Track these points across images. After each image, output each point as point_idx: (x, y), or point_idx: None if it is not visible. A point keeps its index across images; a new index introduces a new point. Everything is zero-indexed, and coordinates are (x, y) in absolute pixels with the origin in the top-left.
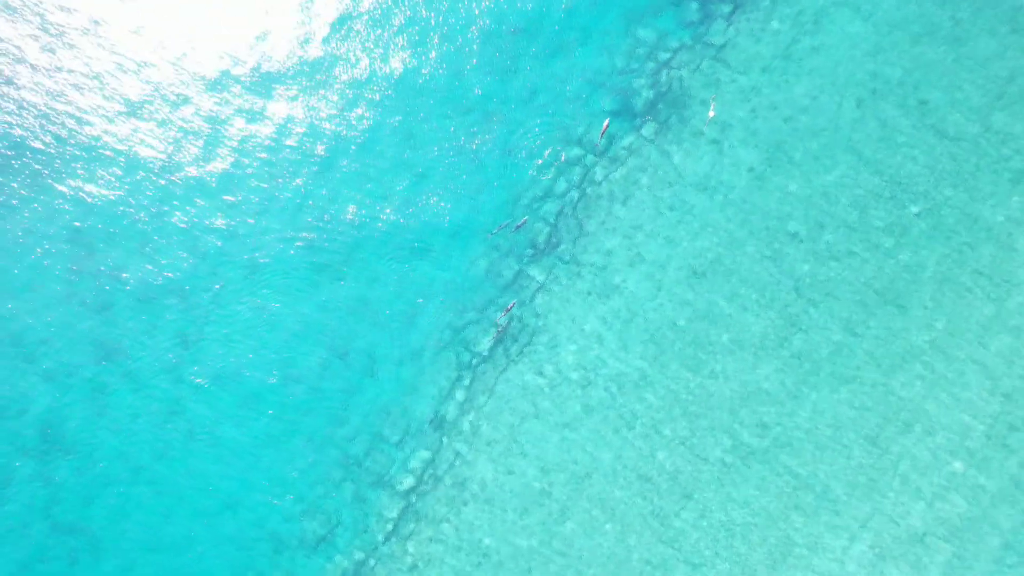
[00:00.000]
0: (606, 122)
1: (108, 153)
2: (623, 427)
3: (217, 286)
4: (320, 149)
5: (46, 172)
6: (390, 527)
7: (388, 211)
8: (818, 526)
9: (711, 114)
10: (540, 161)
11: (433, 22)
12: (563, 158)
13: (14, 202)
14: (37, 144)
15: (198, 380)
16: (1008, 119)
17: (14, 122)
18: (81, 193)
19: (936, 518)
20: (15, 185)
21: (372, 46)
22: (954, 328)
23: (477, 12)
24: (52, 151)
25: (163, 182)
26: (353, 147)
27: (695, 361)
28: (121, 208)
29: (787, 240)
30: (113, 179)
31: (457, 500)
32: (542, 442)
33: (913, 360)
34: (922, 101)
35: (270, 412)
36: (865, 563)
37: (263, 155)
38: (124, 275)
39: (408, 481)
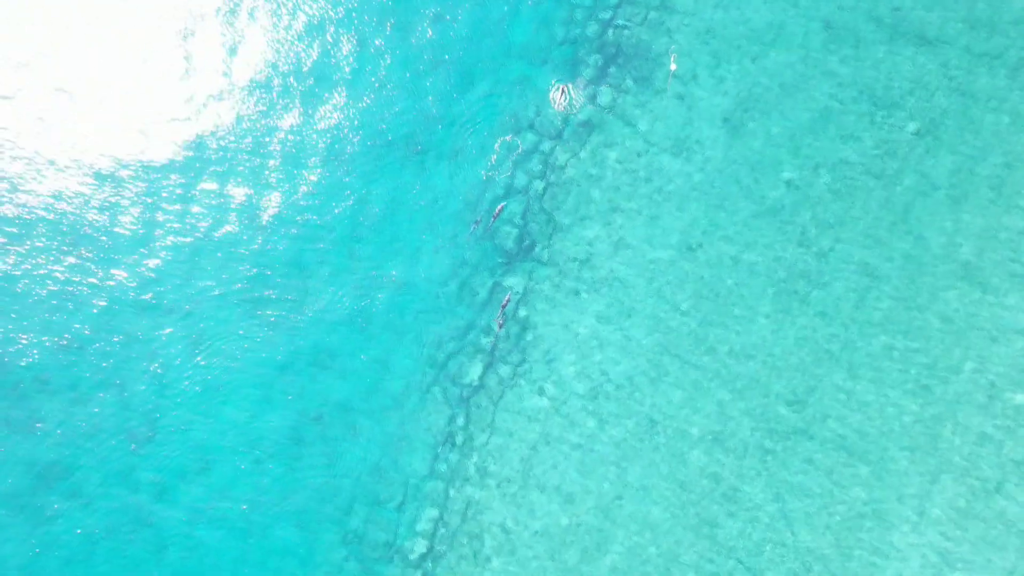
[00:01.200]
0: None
1: (12, 229)
2: (645, 434)
3: (157, 368)
4: (241, 193)
5: None
6: None
7: (334, 247)
8: (883, 496)
9: (672, 67)
10: (493, 157)
11: (345, 24)
12: (519, 148)
13: None
14: None
15: (158, 480)
16: (990, 9)
17: None
18: None
19: (1011, 461)
20: None
21: (286, 49)
22: (983, 245)
23: (385, 11)
24: None
25: (72, 259)
26: (275, 178)
27: (709, 344)
28: (24, 284)
29: (782, 189)
30: (16, 253)
31: (479, 556)
32: (559, 470)
33: (946, 290)
34: (895, 8)
35: (244, 506)
36: (945, 527)
37: (176, 206)
38: (44, 376)
39: (420, 546)
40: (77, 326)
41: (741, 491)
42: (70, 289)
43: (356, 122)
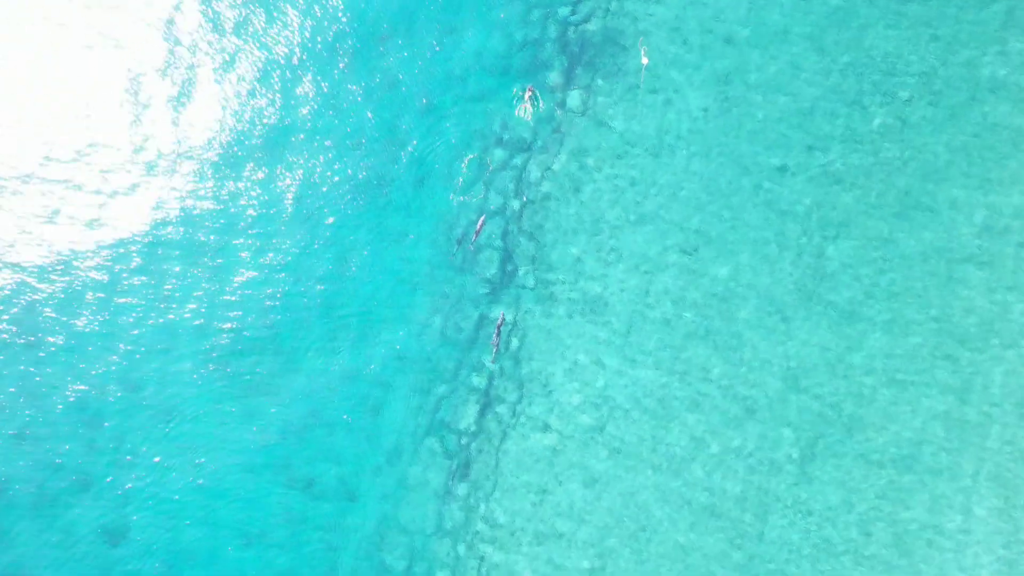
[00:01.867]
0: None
1: None
2: (662, 460)
3: (128, 458)
4: (207, 263)
5: None
6: None
7: (306, 300)
8: (926, 498)
9: (644, 61)
10: (461, 179)
11: (292, 65)
12: (489, 167)
13: None
14: None
15: None
16: None
17: None
18: None
19: None
20: None
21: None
22: (997, 210)
23: (328, 28)
24: None
25: (35, 352)
26: (238, 242)
27: (719, 353)
28: None
29: (775, 177)
30: None
31: None
32: (575, 511)
33: (965, 263)
34: None
35: None
36: (995, 521)
37: (138, 260)
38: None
39: None
40: (40, 419)
41: (773, 512)
42: (34, 381)
43: (315, 166)
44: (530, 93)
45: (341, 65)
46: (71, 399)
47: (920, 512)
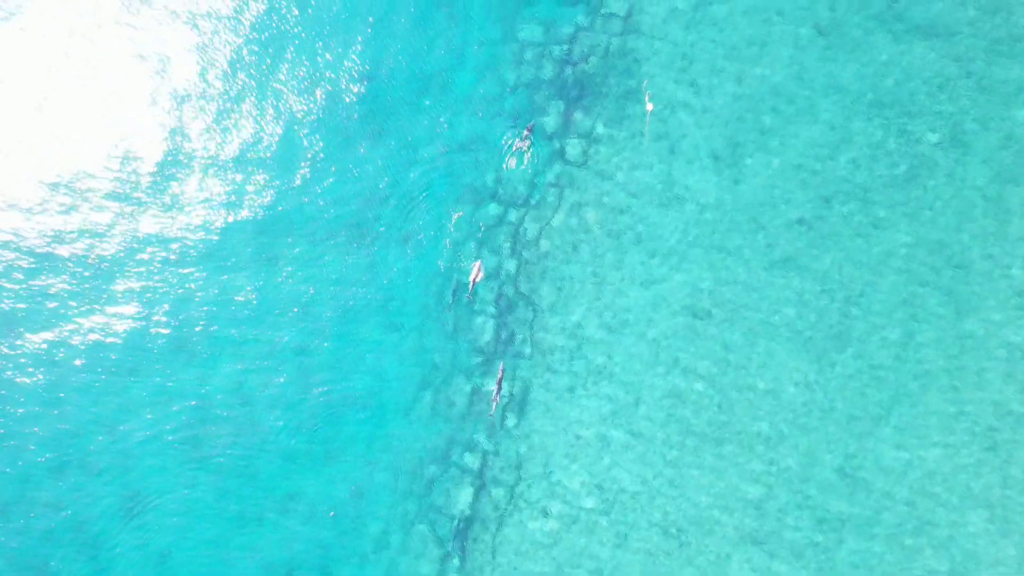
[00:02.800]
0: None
1: None
2: (673, 546)
3: (86, 546)
4: (164, 314)
5: None
6: None
7: (279, 364)
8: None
9: (649, 107)
10: (449, 241)
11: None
12: (481, 228)
13: None
14: None
15: None
16: None
17: None
18: None
19: None
20: None
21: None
22: None
23: (306, 76)
24: None
25: None
26: (200, 289)
27: (735, 430)
28: None
29: (793, 232)
30: None
31: None
32: None
33: (1006, 326)
34: (891, 0)
35: None
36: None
37: (95, 337)
38: None
39: None
40: None
41: None
42: None
43: (290, 216)
44: (528, 133)
45: (316, 107)
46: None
47: None
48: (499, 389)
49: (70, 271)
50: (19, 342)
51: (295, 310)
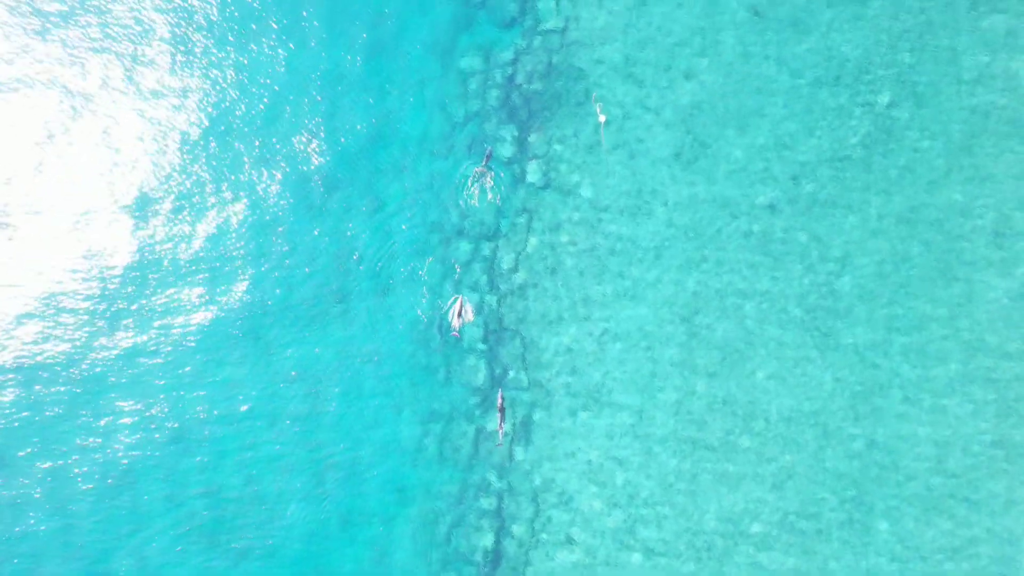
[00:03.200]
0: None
1: None
2: (703, 552)
3: None
4: (160, 411)
5: None
6: None
7: (281, 443)
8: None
9: (601, 119)
10: (425, 288)
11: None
12: (456, 267)
13: None
14: None
15: None
16: None
17: None
18: None
19: None
20: None
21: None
22: (1006, 210)
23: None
24: None
25: None
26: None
27: (741, 421)
28: None
29: (765, 217)
30: None
31: None
32: None
33: (984, 270)
34: None
35: None
36: None
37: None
38: None
39: None
40: None
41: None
42: None
43: (267, 292)
44: (487, 160)
45: (273, 183)
46: None
47: None
48: (503, 417)
49: (60, 386)
50: (20, 462)
51: (287, 383)
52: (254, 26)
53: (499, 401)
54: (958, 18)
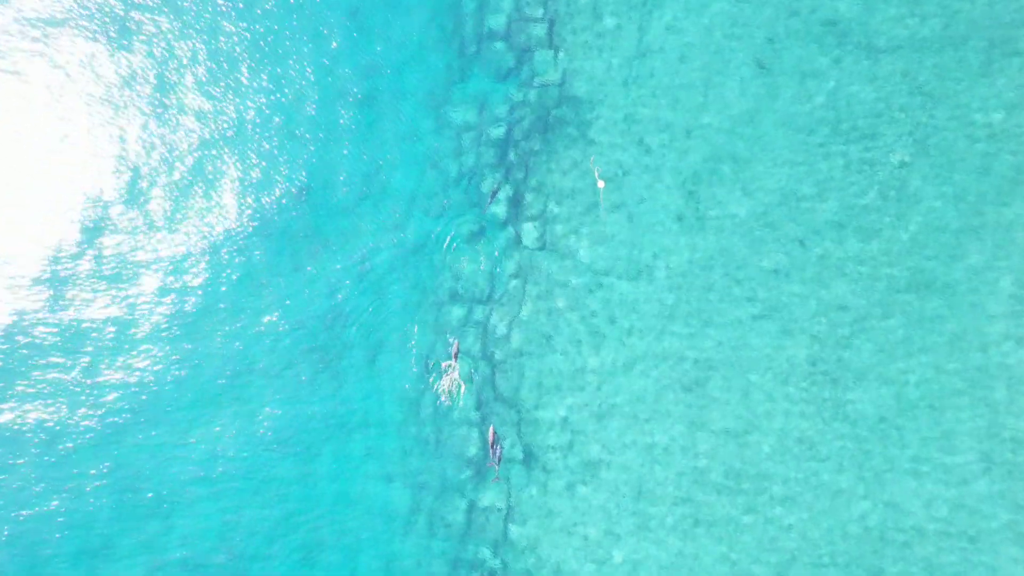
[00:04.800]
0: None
1: None
2: None
3: None
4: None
5: None
6: None
7: (264, 515)
8: None
9: (600, 185)
10: (415, 363)
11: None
12: (449, 337)
13: None
14: None
15: None
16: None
17: None
18: None
19: None
20: None
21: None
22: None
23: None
24: None
25: None
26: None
27: (746, 499)
28: None
29: (770, 281)
30: None
31: None
32: None
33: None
34: (829, 22)
35: None
36: None
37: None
38: None
39: None
40: None
41: None
42: None
43: (249, 351)
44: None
45: (258, 235)
46: None
47: None
48: (496, 451)
49: (32, 449)
50: None
51: (275, 454)
52: (243, 77)
53: (491, 435)
54: (971, 73)
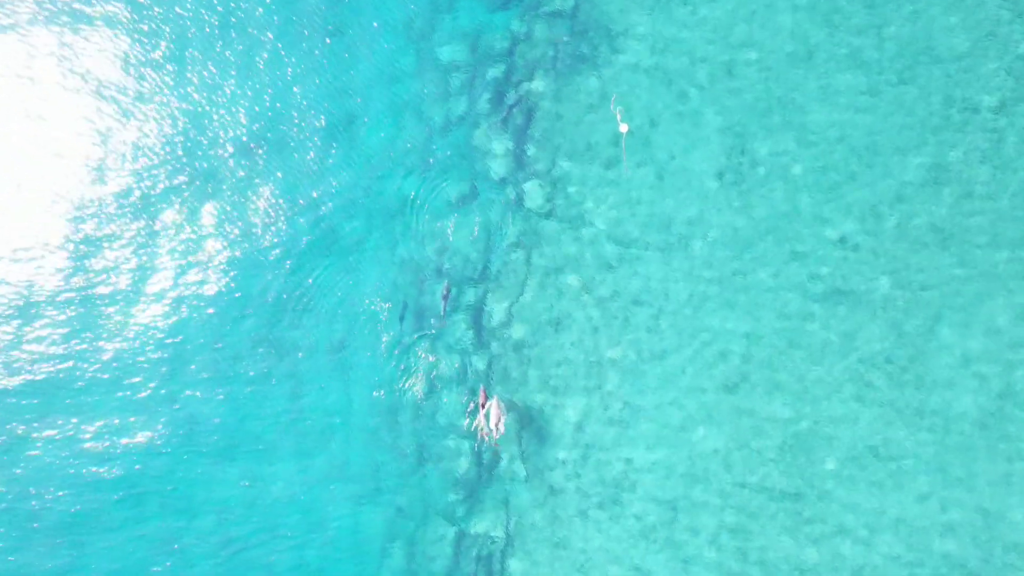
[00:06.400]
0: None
1: None
2: None
3: None
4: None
5: None
6: None
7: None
8: None
9: (623, 129)
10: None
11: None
12: (432, 323)
13: None
14: None
15: None
16: None
17: None
18: None
19: None
20: None
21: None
22: None
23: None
24: None
25: None
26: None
27: (796, 525)
28: None
29: (835, 254)
30: None
31: None
32: None
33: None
34: None
35: None
36: None
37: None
38: None
39: None
40: None
41: None
42: None
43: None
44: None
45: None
46: None
47: None
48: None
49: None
50: None
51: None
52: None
53: (482, 397)
54: None
